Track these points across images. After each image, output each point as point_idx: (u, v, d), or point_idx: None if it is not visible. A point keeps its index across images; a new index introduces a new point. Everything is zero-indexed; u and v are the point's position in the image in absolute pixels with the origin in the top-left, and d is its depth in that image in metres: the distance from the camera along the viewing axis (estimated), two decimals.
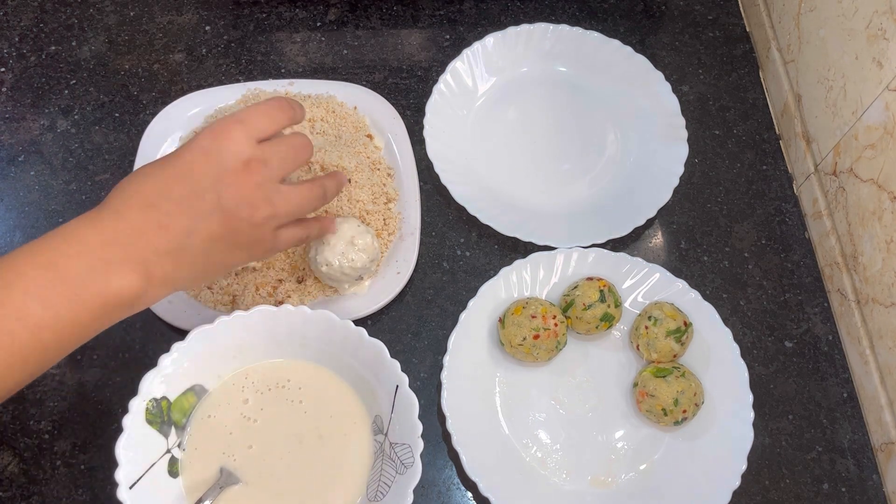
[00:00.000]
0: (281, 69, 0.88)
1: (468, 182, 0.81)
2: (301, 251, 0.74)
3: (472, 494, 0.69)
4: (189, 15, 0.92)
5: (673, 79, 0.88)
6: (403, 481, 0.62)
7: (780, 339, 0.77)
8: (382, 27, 0.92)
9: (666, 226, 0.82)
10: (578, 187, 0.83)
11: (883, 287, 0.70)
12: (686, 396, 0.68)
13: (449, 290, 0.77)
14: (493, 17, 0.93)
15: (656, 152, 0.83)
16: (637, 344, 0.72)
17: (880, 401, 0.70)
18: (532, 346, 0.70)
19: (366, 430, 0.67)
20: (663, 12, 0.95)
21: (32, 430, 0.70)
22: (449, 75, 0.85)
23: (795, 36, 0.84)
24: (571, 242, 0.76)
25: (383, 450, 0.65)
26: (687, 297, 0.74)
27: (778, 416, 0.73)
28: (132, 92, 0.87)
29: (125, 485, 0.60)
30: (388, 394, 0.65)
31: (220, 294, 0.73)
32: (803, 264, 0.80)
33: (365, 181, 0.77)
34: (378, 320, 0.75)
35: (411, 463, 0.62)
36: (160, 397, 0.64)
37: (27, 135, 0.83)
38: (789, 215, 0.83)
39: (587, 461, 0.70)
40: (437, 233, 0.80)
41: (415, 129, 0.83)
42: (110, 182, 0.81)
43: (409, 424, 0.63)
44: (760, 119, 0.88)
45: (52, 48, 0.89)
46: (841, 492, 0.70)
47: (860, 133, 0.72)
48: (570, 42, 0.89)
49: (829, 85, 0.77)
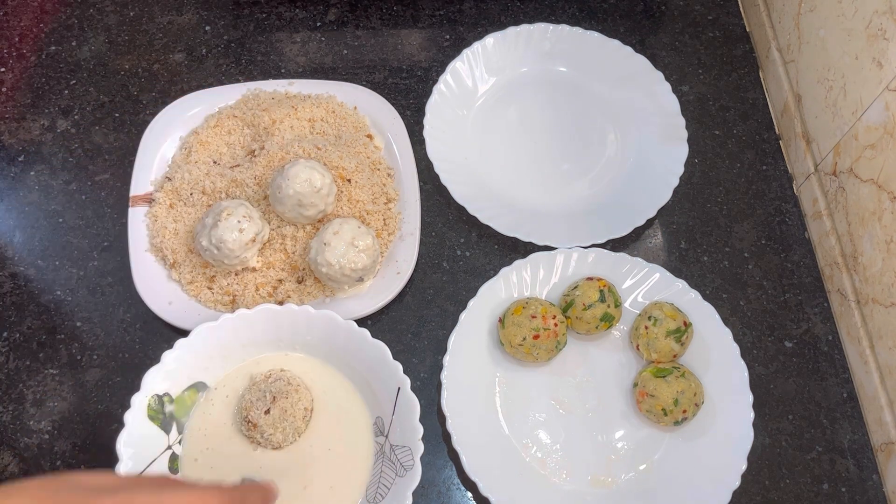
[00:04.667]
0: (281, 69, 0.88)
1: (468, 182, 0.81)
2: (301, 251, 0.74)
3: (472, 494, 0.69)
4: (189, 15, 0.92)
5: (673, 79, 0.88)
6: (403, 484, 0.62)
7: (780, 339, 0.77)
8: (382, 27, 0.92)
9: (666, 226, 0.82)
10: (578, 187, 0.83)
11: (883, 287, 0.70)
12: (686, 396, 0.68)
13: (449, 290, 0.77)
14: (493, 17, 0.93)
15: (656, 152, 0.83)
16: (637, 344, 0.72)
17: (880, 401, 0.70)
18: (532, 346, 0.70)
19: (367, 431, 0.67)
20: (663, 12, 0.95)
21: (32, 430, 0.70)
22: (449, 75, 0.85)
23: (795, 36, 0.84)
24: (571, 242, 0.76)
25: (383, 452, 0.65)
26: (687, 297, 0.74)
27: (778, 416, 0.73)
28: (132, 92, 0.87)
29: None
30: (389, 396, 0.65)
31: (219, 294, 0.73)
32: (803, 264, 0.80)
33: (365, 181, 0.77)
34: (378, 320, 0.75)
35: (411, 465, 0.62)
36: (162, 393, 0.64)
37: (27, 135, 0.83)
38: (789, 215, 0.83)
39: (587, 461, 0.70)
40: (437, 233, 0.80)
41: (415, 129, 0.83)
42: (110, 182, 0.81)
43: (410, 427, 0.63)
44: (760, 119, 0.88)
45: (52, 48, 0.89)
46: (841, 492, 0.70)
47: (860, 133, 0.72)
48: (570, 42, 0.89)
49: (829, 85, 0.77)
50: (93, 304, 0.75)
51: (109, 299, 0.75)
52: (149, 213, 0.77)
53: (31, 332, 0.74)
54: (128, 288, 0.75)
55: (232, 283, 0.73)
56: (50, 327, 0.74)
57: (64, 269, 0.77)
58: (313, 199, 0.72)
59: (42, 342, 0.73)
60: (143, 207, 0.77)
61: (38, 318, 0.74)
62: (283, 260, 0.74)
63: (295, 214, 0.73)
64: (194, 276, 0.74)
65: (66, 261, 0.77)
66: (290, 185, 0.71)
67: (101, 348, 0.73)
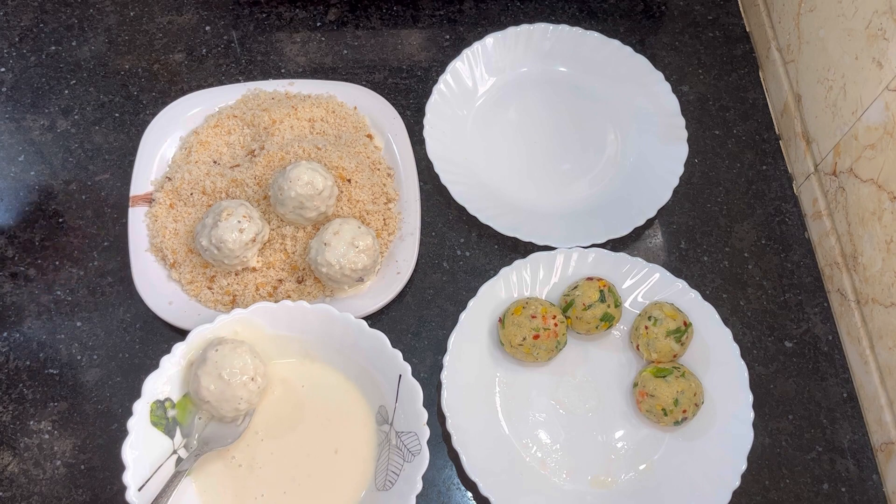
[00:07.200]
0: (281, 69, 0.88)
1: (468, 182, 0.81)
2: (301, 251, 0.74)
3: (472, 494, 0.69)
4: (189, 15, 0.92)
5: (673, 79, 0.88)
6: (412, 469, 0.63)
7: (780, 339, 0.77)
8: (382, 27, 0.92)
9: (666, 226, 0.82)
10: (578, 187, 0.83)
11: (883, 287, 0.70)
12: (686, 396, 0.68)
13: (449, 290, 0.77)
14: (493, 17, 0.93)
15: (656, 152, 0.83)
16: (637, 344, 0.72)
17: (880, 401, 0.70)
18: (532, 346, 0.70)
19: (369, 420, 0.67)
20: (663, 12, 0.95)
21: (32, 430, 0.70)
22: (449, 75, 0.85)
23: (795, 36, 0.84)
24: (571, 242, 0.76)
25: (389, 439, 0.65)
26: (687, 297, 0.74)
27: (778, 416, 0.73)
28: (132, 92, 0.87)
29: (134, 487, 0.60)
30: (391, 384, 0.66)
31: (219, 294, 0.73)
32: (803, 264, 0.80)
33: (365, 181, 0.77)
34: (378, 320, 0.75)
35: (418, 450, 0.63)
36: (164, 399, 0.64)
37: (27, 135, 0.83)
38: (789, 215, 0.83)
39: (587, 461, 0.70)
40: (437, 233, 0.80)
41: (415, 129, 0.83)
42: (110, 182, 0.81)
43: (415, 413, 0.64)
44: (760, 119, 0.88)
45: (52, 48, 0.89)
46: (841, 492, 0.70)
47: (860, 133, 0.72)
48: (570, 42, 0.89)
49: (829, 85, 0.77)
50: (93, 304, 0.75)
51: (109, 299, 0.75)
52: (149, 213, 0.77)
53: (31, 332, 0.74)
54: (128, 288, 0.75)
55: (232, 283, 0.73)
56: (50, 327, 0.74)
57: (64, 269, 0.77)
58: (315, 201, 0.72)
59: (42, 342, 0.73)
60: (143, 207, 0.77)
61: (38, 318, 0.74)
62: (283, 260, 0.74)
63: (296, 216, 0.73)
64: (194, 276, 0.74)
65: (66, 261, 0.77)
66: (292, 187, 0.71)
67: (101, 348, 0.73)
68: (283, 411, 0.67)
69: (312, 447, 0.66)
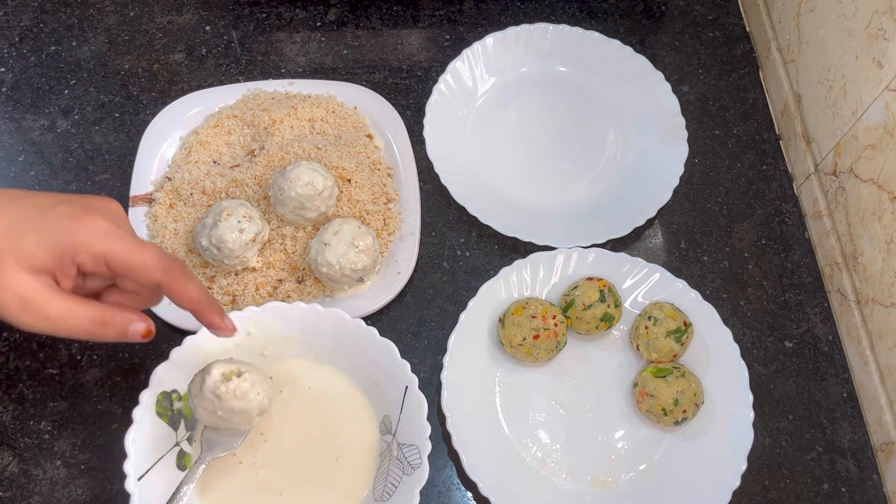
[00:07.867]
0: (281, 69, 0.88)
1: (468, 182, 0.81)
2: (301, 251, 0.74)
3: (472, 494, 0.69)
4: (189, 15, 0.92)
5: (673, 79, 0.88)
6: (410, 482, 0.62)
7: (780, 339, 0.77)
8: (382, 27, 0.92)
9: (666, 226, 0.82)
10: (578, 187, 0.83)
11: (883, 287, 0.70)
12: (686, 396, 0.68)
13: (449, 290, 0.77)
14: (493, 17, 0.93)
15: (656, 152, 0.83)
16: (637, 344, 0.72)
17: (880, 401, 0.70)
18: (532, 346, 0.70)
19: (373, 429, 0.67)
20: (663, 12, 0.95)
21: (32, 430, 0.70)
22: (449, 75, 0.85)
23: (795, 36, 0.84)
24: (571, 242, 0.76)
25: (391, 450, 0.65)
26: (687, 297, 0.74)
27: (778, 416, 0.73)
28: (132, 92, 0.87)
29: (133, 476, 0.60)
30: (397, 394, 0.66)
31: (220, 294, 0.73)
32: (803, 264, 0.80)
33: (365, 181, 0.77)
34: (378, 320, 0.75)
35: (419, 464, 0.62)
36: (170, 390, 0.64)
37: (27, 135, 0.83)
38: (789, 215, 0.83)
39: (587, 461, 0.70)
40: (437, 233, 0.80)
41: (415, 129, 0.83)
42: (110, 182, 0.81)
43: (418, 426, 0.63)
44: (760, 119, 0.88)
45: (52, 48, 0.89)
46: (841, 492, 0.70)
47: (860, 133, 0.72)
48: (569, 42, 0.89)
49: (829, 85, 0.77)
50: None
51: None
52: (149, 213, 0.77)
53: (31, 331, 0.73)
54: None
55: (232, 283, 0.73)
56: None
57: None
58: (315, 202, 0.72)
59: (42, 342, 0.73)
60: (143, 207, 0.77)
61: None
62: (283, 260, 0.74)
63: (296, 216, 0.73)
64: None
65: None
66: (292, 188, 0.71)
67: (101, 348, 0.73)
68: (288, 413, 0.67)
69: (314, 452, 0.66)
